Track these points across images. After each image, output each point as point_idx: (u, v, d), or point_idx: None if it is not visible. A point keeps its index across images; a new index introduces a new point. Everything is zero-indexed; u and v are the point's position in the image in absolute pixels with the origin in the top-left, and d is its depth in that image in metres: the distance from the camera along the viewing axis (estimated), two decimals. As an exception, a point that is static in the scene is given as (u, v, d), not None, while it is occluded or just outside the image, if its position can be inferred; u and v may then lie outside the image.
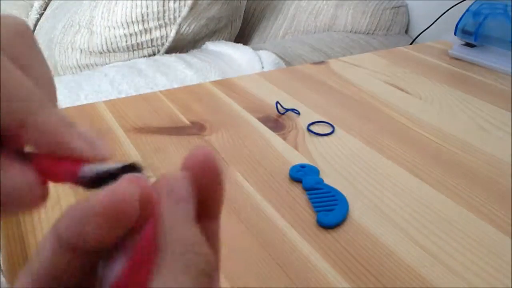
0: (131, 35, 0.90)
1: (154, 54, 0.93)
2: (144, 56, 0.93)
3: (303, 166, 0.43)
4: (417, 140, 0.49)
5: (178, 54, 0.89)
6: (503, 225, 0.37)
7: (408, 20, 1.12)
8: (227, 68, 0.84)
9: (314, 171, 0.42)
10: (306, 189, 0.40)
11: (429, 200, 0.39)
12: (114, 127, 0.50)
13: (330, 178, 0.42)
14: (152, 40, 0.91)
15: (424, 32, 0.97)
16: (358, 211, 0.38)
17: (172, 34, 0.91)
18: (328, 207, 0.38)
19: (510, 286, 0.31)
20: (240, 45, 0.92)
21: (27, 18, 1.32)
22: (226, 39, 1.01)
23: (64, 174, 0.17)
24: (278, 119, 0.53)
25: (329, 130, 0.50)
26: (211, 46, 0.94)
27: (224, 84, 0.62)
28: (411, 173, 0.43)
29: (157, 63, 0.83)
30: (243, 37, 1.19)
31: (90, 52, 0.95)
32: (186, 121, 0.52)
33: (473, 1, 0.71)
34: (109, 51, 0.93)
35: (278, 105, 0.54)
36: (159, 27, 0.90)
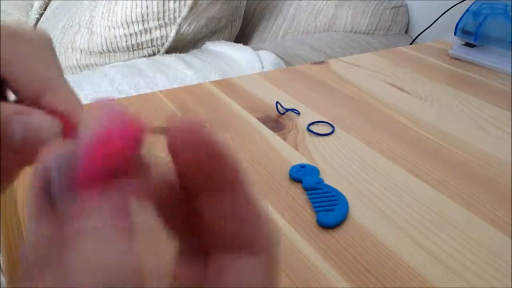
0: (131, 35, 0.90)
1: (154, 54, 0.93)
2: (144, 56, 0.93)
3: (303, 166, 0.43)
4: (417, 140, 0.49)
5: (178, 54, 0.90)
6: (503, 225, 0.37)
7: (408, 20, 1.12)
8: (227, 68, 0.84)
9: (314, 171, 0.42)
10: (306, 189, 0.40)
11: (429, 200, 0.39)
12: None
13: (330, 178, 0.42)
14: (152, 40, 0.91)
15: (424, 32, 0.97)
16: (358, 211, 0.38)
17: (172, 34, 0.91)
18: (328, 207, 0.38)
19: (510, 286, 0.31)
20: (240, 45, 0.92)
21: (27, 18, 1.32)
22: (226, 39, 1.01)
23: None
24: (278, 119, 0.53)
25: (329, 130, 0.50)
26: (211, 46, 0.94)
27: (224, 84, 0.62)
28: (411, 173, 0.43)
29: (157, 63, 0.83)
30: (243, 37, 1.19)
31: (90, 52, 0.95)
32: (186, 121, 0.52)
33: (473, 1, 0.71)
34: (109, 51, 0.93)
35: (278, 105, 0.54)
36: (159, 27, 0.90)
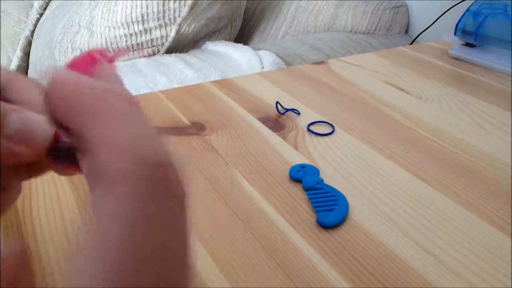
0: (131, 35, 0.90)
1: (154, 54, 0.93)
2: (144, 56, 0.93)
3: (303, 166, 0.43)
4: (417, 140, 0.49)
5: (178, 54, 0.90)
6: (503, 225, 0.37)
7: (408, 20, 1.12)
8: (227, 68, 0.84)
9: (314, 171, 0.42)
10: (306, 189, 0.40)
11: (429, 200, 0.39)
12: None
13: (330, 178, 0.42)
14: (152, 40, 0.91)
15: (424, 32, 0.97)
16: (358, 211, 0.38)
17: (172, 34, 0.91)
18: (328, 207, 0.38)
19: (510, 286, 0.31)
20: (240, 45, 0.92)
21: (27, 18, 1.32)
22: (226, 39, 1.01)
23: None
24: (278, 119, 0.53)
25: (329, 130, 0.50)
26: (211, 46, 0.94)
27: (224, 84, 0.62)
28: (411, 173, 0.43)
29: (157, 63, 0.83)
30: (243, 37, 1.19)
31: (90, 52, 0.95)
32: (186, 121, 0.52)
33: (473, 1, 0.71)
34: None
35: (278, 105, 0.54)
36: (159, 27, 0.90)
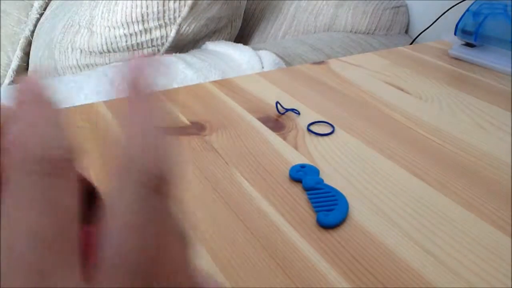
0: (131, 35, 0.90)
1: (154, 54, 0.93)
2: (144, 56, 0.93)
3: (303, 166, 0.43)
4: (417, 140, 0.49)
5: (178, 54, 0.89)
6: (503, 225, 0.37)
7: (408, 20, 1.12)
8: (227, 68, 0.84)
9: (314, 171, 0.42)
10: (306, 189, 0.40)
11: (429, 200, 0.39)
12: (114, 127, 0.50)
13: (330, 178, 0.42)
14: (152, 40, 0.91)
15: (424, 32, 0.97)
16: (358, 211, 0.38)
17: (172, 34, 0.91)
18: (328, 207, 0.38)
19: (510, 286, 0.31)
20: (240, 45, 0.92)
21: (27, 18, 1.32)
22: (226, 39, 1.01)
23: None
24: (278, 119, 0.53)
25: (329, 130, 0.50)
26: (211, 46, 0.94)
27: (224, 84, 0.62)
28: (411, 173, 0.43)
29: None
30: (243, 37, 1.19)
31: (90, 52, 0.95)
32: (186, 121, 0.52)
33: (473, 1, 0.71)
34: (109, 51, 0.93)
35: (278, 105, 0.54)
36: (159, 27, 0.90)
